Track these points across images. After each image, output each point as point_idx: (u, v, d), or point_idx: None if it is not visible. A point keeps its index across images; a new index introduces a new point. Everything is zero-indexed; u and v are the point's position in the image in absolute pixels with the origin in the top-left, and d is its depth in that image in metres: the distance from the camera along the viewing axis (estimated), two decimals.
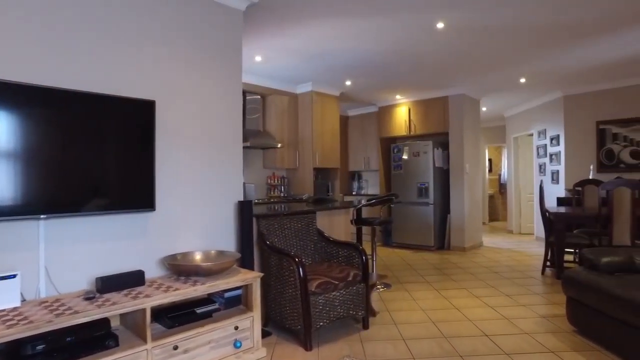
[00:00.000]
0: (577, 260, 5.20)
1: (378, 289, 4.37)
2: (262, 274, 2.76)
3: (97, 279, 2.21)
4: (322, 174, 6.70)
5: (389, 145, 7.60)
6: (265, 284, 3.22)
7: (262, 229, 3.27)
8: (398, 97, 7.26)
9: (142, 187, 2.53)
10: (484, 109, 8.48)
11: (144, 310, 2.11)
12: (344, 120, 8.36)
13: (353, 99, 7.33)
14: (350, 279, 3.06)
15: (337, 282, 2.98)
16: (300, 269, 2.81)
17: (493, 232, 9.07)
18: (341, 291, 3.03)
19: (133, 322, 2.24)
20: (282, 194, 6.17)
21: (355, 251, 3.28)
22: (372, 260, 4.31)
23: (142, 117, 2.53)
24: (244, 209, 3.09)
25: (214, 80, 3.08)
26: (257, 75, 5.73)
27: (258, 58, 4.95)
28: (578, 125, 6.70)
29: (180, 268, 2.55)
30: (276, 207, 4.00)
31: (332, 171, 6.69)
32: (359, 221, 4.44)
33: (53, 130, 2.14)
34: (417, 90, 6.80)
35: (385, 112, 7.67)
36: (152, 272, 2.68)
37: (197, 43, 2.98)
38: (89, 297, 2.05)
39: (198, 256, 2.84)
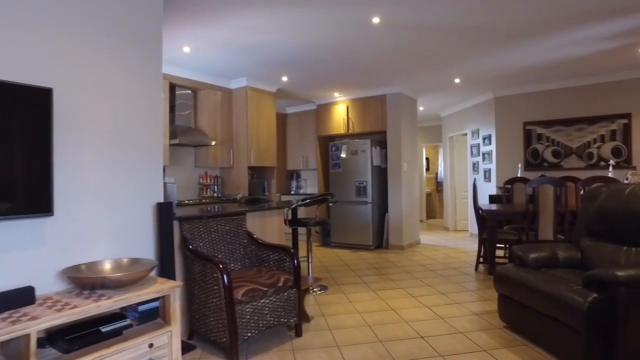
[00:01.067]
0: (507, 255, 5.38)
1: (314, 292, 4.21)
2: (181, 283, 2.48)
3: None
4: (257, 173, 6.44)
5: (328, 144, 7.50)
6: (189, 293, 2.94)
7: (185, 232, 2.98)
8: (336, 94, 7.17)
9: (35, 188, 2.16)
10: (421, 108, 8.64)
11: (27, 336, 1.77)
12: (282, 118, 8.15)
13: (290, 96, 7.14)
14: (280, 284, 2.86)
15: (266, 289, 2.76)
16: (225, 276, 2.56)
17: (430, 229, 9.29)
18: (271, 298, 2.82)
19: (16, 351, 1.87)
20: (215, 194, 5.84)
21: (286, 254, 3.08)
22: (308, 262, 4.14)
23: (35, 106, 2.16)
24: (163, 211, 2.79)
25: (129, 69, 2.74)
26: (188, 69, 5.36)
27: (186, 49, 4.60)
28: (507, 126, 6.99)
29: (83, 281, 2.21)
30: (209, 208, 3.71)
31: (269, 170, 6.44)
32: (294, 222, 4.26)
33: None
34: (355, 88, 6.74)
35: (323, 110, 7.55)
36: (50, 287, 2.31)
37: (109, 26, 2.62)
38: None
39: (107, 266, 2.50)
